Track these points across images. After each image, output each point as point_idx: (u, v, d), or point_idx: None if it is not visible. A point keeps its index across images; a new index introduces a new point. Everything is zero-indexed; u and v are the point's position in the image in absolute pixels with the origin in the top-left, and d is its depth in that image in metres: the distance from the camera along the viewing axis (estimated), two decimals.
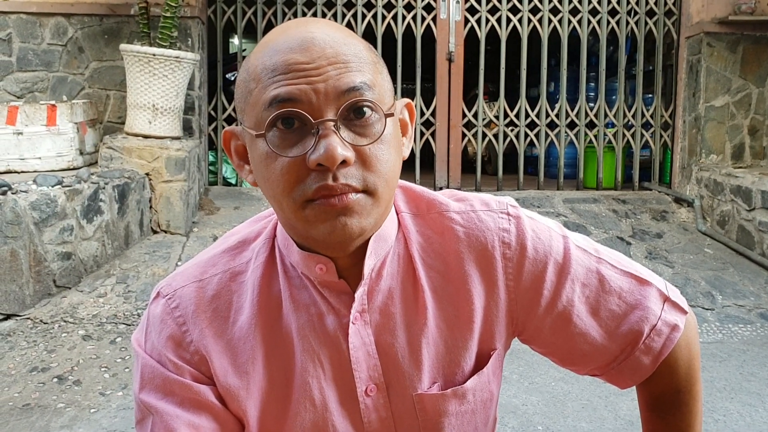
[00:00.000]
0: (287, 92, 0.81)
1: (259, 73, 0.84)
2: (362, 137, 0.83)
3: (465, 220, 0.98)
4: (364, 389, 0.94)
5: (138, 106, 4.43)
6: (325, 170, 0.81)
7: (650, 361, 0.99)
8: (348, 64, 0.83)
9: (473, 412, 0.99)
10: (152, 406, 0.92)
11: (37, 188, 3.66)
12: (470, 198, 1.01)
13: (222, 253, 1.00)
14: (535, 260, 0.97)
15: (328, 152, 0.79)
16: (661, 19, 5.65)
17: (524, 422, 2.72)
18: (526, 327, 1.00)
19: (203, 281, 0.97)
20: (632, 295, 0.99)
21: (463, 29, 5.50)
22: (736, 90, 5.37)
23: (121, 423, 2.65)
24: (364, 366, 0.94)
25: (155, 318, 0.96)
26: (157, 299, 0.97)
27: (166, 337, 0.94)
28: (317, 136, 0.81)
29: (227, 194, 5.21)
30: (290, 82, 0.82)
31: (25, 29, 4.87)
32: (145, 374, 0.94)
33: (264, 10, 5.40)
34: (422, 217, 0.99)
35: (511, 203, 1.00)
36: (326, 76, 0.81)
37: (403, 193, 1.01)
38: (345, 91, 0.82)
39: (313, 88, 0.81)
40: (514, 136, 5.62)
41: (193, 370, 0.93)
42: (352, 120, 0.83)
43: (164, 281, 0.99)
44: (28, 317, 3.49)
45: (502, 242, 0.97)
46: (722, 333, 3.72)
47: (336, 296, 0.94)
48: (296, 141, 0.82)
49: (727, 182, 4.90)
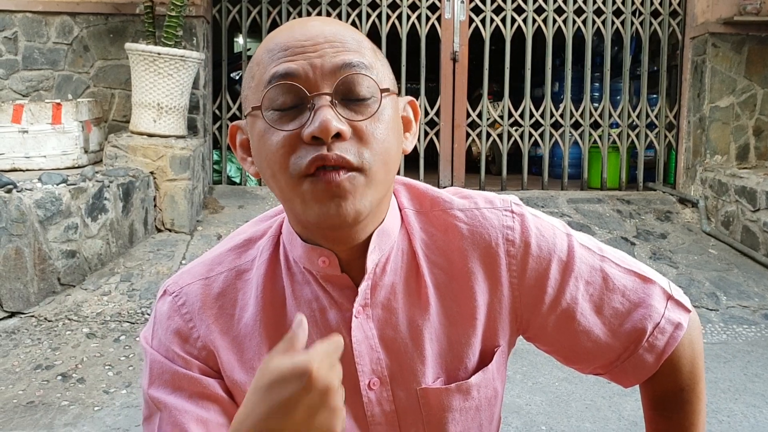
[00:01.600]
0: (285, 68, 0.84)
1: (261, 58, 0.87)
2: (359, 114, 0.84)
3: (469, 218, 0.98)
4: (367, 383, 0.95)
5: (143, 105, 4.44)
6: (320, 143, 0.82)
7: (654, 359, 0.99)
8: (346, 44, 0.85)
9: (477, 408, 0.99)
10: (161, 401, 0.92)
11: (42, 186, 3.67)
12: (474, 195, 1.01)
13: (228, 251, 1.00)
14: (539, 258, 0.97)
15: (322, 124, 0.81)
16: (665, 19, 5.64)
17: (528, 422, 2.72)
18: (530, 325, 1.00)
19: (209, 279, 0.98)
20: (636, 294, 0.99)
21: (467, 29, 5.50)
22: (741, 90, 5.36)
23: (124, 421, 2.66)
24: (366, 359, 0.94)
25: (162, 315, 0.97)
26: (163, 297, 0.98)
27: (174, 333, 0.95)
28: (313, 111, 0.82)
29: (231, 193, 5.21)
30: (288, 59, 0.84)
31: (31, 28, 4.88)
32: (154, 370, 0.95)
33: (269, 10, 5.41)
34: (426, 214, 0.99)
35: (515, 201, 1.00)
36: (323, 53, 0.84)
37: (406, 190, 1.02)
38: (341, 66, 0.84)
39: (310, 63, 0.83)
40: (519, 136, 5.62)
41: (201, 364, 0.94)
42: (350, 99, 0.84)
43: (171, 279, 1.00)
44: (32, 315, 3.50)
45: (506, 240, 0.97)
46: (726, 334, 3.71)
47: (338, 290, 0.94)
48: (293, 117, 0.84)
49: (732, 183, 4.89)
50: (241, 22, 5.39)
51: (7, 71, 4.88)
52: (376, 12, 5.42)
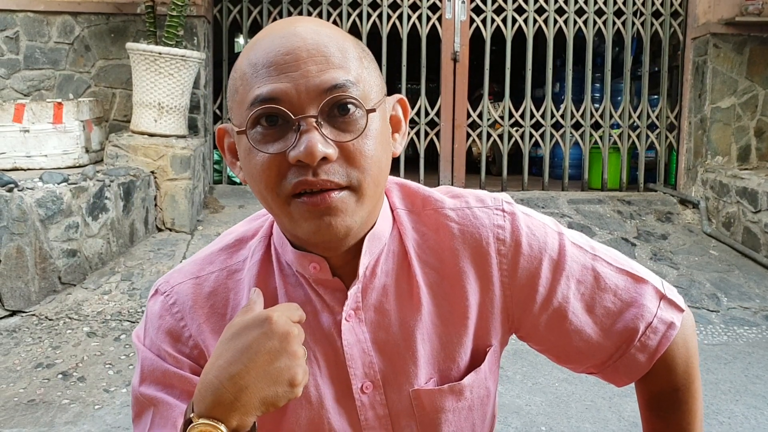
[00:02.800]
0: (268, 91, 0.81)
1: (244, 71, 0.85)
2: (345, 133, 0.83)
3: (460, 217, 0.98)
4: (360, 386, 0.95)
5: (144, 105, 4.44)
6: (306, 166, 0.81)
7: (646, 358, 0.99)
8: (330, 59, 0.83)
9: (470, 408, 0.99)
10: (152, 397, 0.93)
11: (43, 185, 3.68)
12: (465, 194, 1.01)
13: (219, 251, 1.01)
14: (530, 256, 0.97)
15: (307, 149, 0.79)
16: (667, 20, 5.64)
17: (527, 423, 2.72)
18: (522, 324, 1.00)
19: (200, 278, 0.98)
20: (628, 293, 0.99)
21: (468, 29, 5.49)
22: (742, 91, 5.36)
23: (124, 419, 2.66)
24: (359, 363, 0.94)
25: (153, 314, 0.97)
26: (155, 296, 0.98)
27: (165, 332, 0.95)
28: (298, 133, 0.81)
29: (232, 193, 5.22)
30: (272, 81, 0.82)
31: (33, 27, 4.89)
32: (145, 368, 0.95)
33: (269, 10, 5.41)
34: (417, 213, 0.99)
35: (506, 200, 1.00)
36: (306, 72, 0.81)
37: (398, 189, 1.02)
38: (326, 90, 0.81)
39: (294, 85, 0.81)
40: (519, 136, 5.62)
41: (192, 363, 0.94)
42: (336, 116, 0.83)
43: (162, 279, 1.00)
44: (33, 314, 3.50)
45: (497, 239, 0.97)
46: (727, 335, 3.71)
47: (330, 294, 0.94)
48: (278, 137, 0.83)
49: (733, 184, 4.88)
50: (241, 22, 5.40)
51: (9, 71, 4.89)
52: (376, 12, 5.41)
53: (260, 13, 5.40)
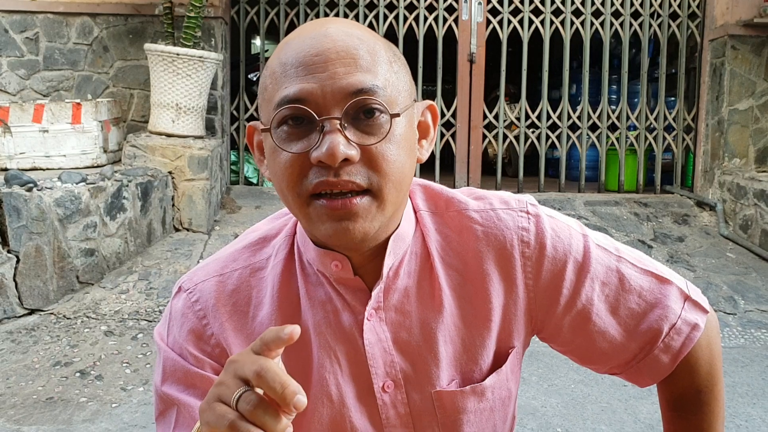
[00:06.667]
0: (295, 92, 0.82)
1: (274, 70, 0.86)
2: (369, 136, 0.83)
3: (484, 219, 0.97)
4: (381, 385, 0.95)
5: (161, 105, 4.47)
6: (327, 167, 0.81)
7: (669, 359, 0.99)
8: (358, 62, 0.83)
9: (492, 409, 0.99)
10: (175, 398, 0.93)
11: (61, 185, 3.71)
12: (489, 196, 1.01)
13: (243, 249, 1.01)
14: (554, 259, 0.97)
15: (329, 150, 0.80)
16: (684, 21, 5.61)
17: (543, 424, 2.71)
18: (546, 326, 1.00)
19: (224, 276, 0.98)
20: (652, 294, 0.99)
21: (484, 30, 5.49)
22: (760, 93, 5.31)
23: (141, 418, 2.68)
24: (380, 362, 0.94)
25: (177, 312, 0.97)
26: (178, 294, 0.99)
27: (188, 331, 0.95)
28: (322, 133, 0.81)
29: (249, 193, 5.24)
30: (299, 81, 0.82)
31: (52, 29, 4.94)
32: (167, 367, 0.95)
33: (286, 11, 5.43)
34: (441, 215, 0.99)
35: (531, 201, 1.00)
36: (333, 74, 0.82)
37: (422, 191, 1.02)
38: (352, 92, 0.81)
39: (320, 86, 0.81)
40: (536, 137, 5.60)
41: (214, 363, 0.94)
42: (360, 119, 0.83)
43: (185, 276, 1.00)
44: (51, 312, 3.54)
45: (521, 241, 0.96)
46: (744, 338, 3.68)
47: (352, 293, 0.94)
48: (302, 136, 0.83)
49: (751, 186, 4.85)
50: (258, 24, 5.42)
51: (29, 71, 4.94)
52: (393, 13, 5.42)
53: (277, 14, 5.42)
